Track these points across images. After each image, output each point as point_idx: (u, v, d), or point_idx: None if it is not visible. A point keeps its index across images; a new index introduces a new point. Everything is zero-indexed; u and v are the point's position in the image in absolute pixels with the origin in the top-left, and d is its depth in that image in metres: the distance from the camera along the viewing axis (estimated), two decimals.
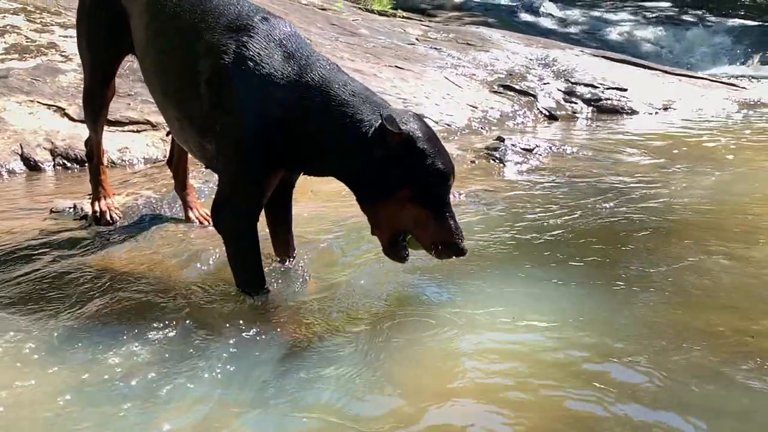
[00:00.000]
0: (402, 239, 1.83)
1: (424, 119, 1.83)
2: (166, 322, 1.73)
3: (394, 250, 1.84)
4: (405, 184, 1.72)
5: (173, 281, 2.00)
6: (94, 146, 2.46)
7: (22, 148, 3.54)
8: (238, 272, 1.90)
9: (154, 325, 1.72)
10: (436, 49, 6.51)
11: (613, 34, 10.27)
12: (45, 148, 3.59)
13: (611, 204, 2.88)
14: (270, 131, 1.74)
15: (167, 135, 2.66)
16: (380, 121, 1.67)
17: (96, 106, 2.35)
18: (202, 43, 1.81)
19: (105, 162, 2.71)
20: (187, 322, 1.74)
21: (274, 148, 1.76)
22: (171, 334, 1.69)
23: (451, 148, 4.02)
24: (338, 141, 1.73)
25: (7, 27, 4.63)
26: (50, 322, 1.75)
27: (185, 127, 1.92)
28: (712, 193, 3.12)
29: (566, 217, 2.68)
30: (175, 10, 1.91)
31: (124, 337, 1.67)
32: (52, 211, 2.57)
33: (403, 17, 8.11)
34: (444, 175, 1.74)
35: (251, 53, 1.74)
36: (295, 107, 1.72)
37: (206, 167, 2.18)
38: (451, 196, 1.81)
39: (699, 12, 11.48)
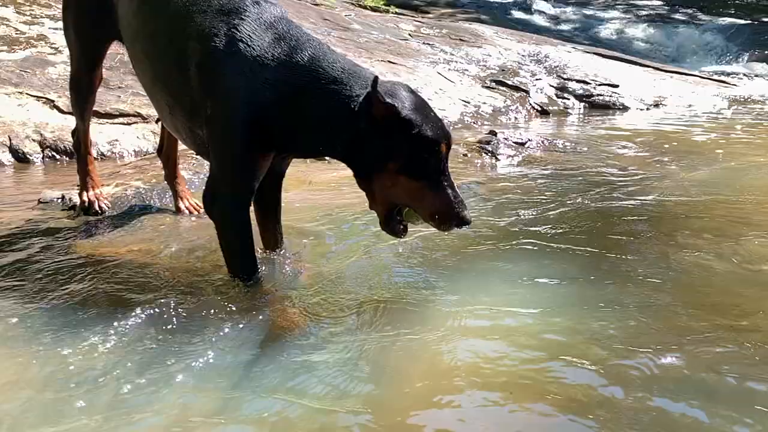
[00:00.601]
0: (397, 213, 1.78)
1: (416, 91, 1.77)
2: (154, 311, 1.71)
3: (390, 225, 1.80)
4: (393, 155, 1.68)
5: (161, 270, 1.98)
6: (81, 136, 2.44)
7: (10, 139, 3.51)
8: (230, 258, 1.88)
9: (139, 313, 1.69)
10: (428, 44, 6.51)
11: (605, 32, 10.30)
12: (34, 140, 3.56)
13: (603, 196, 2.89)
14: (261, 113, 1.73)
15: (157, 122, 2.64)
16: (366, 93, 1.66)
17: (83, 94, 2.33)
18: (192, 27, 1.79)
19: (94, 153, 2.69)
20: (174, 309, 1.72)
21: (265, 129, 1.74)
22: (158, 322, 1.68)
23: None
24: (328, 116, 1.71)
25: None
26: (27, 311, 1.72)
27: (175, 113, 1.90)
28: (703, 186, 3.13)
29: (558, 209, 2.68)
30: None
31: (110, 324, 1.65)
32: (39, 202, 2.54)
33: (396, 13, 8.09)
34: (432, 142, 1.67)
35: (242, 35, 1.73)
36: (285, 87, 1.71)
37: (197, 154, 2.16)
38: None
39: (690, 11, 11.54)
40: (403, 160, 1.68)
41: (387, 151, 1.68)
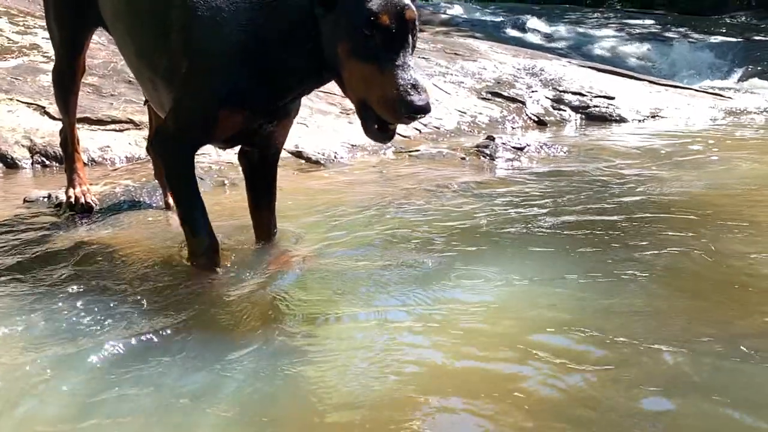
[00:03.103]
0: (366, 110, 1.56)
1: None
2: (130, 305, 1.62)
3: (366, 126, 1.61)
4: (339, 34, 1.54)
5: (145, 263, 1.89)
6: (67, 132, 2.39)
7: None
8: (176, 202, 1.84)
9: (112, 308, 1.59)
10: (424, 58, 6.51)
11: (599, 49, 10.39)
12: (23, 146, 3.49)
13: (602, 199, 2.82)
14: (234, 60, 1.68)
15: (144, 104, 2.57)
16: None
17: (66, 86, 2.29)
18: None
19: (85, 159, 2.62)
20: (148, 302, 1.63)
21: (238, 78, 1.68)
22: (135, 316, 1.58)
23: (440, 147, 3.99)
24: (295, 20, 1.62)
25: None
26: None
27: (158, 87, 1.87)
28: (702, 192, 3.07)
29: (557, 209, 2.61)
30: None
31: (88, 322, 1.56)
32: (25, 200, 2.47)
33: None
34: (369, 13, 1.49)
35: None
36: (255, 24, 1.66)
37: None
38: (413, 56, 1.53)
39: (682, 29, 11.68)
40: (347, 38, 1.54)
41: (334, 31, 1.56)
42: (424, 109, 1.49)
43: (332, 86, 1.78)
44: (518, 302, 1.71)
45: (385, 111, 1.51)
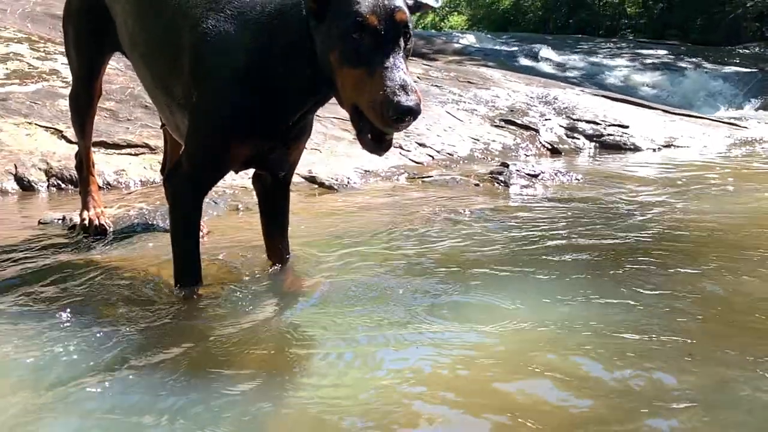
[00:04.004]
0: (361, 118, 1.51)
1: None
2: (134, 324, 1.60)
3: (360, 137, 1.53)
4: (331, 41, 1.51)
5: (157, 285, 1.87)
6: (82, 155, 2.40)
7: (16, 168, 3.47)
8: (173, 241, 1.84)
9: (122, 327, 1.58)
10: (437, 86, 6.55)
11: (612, 78, 10.41)
12: (40, 169, 3.52)
13: (618, 226, 2.78)
14: (241, 84, 1.68)
15: (161, 128, 2.58)
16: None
17: (82, 109, 2.32)
18: (187, 19, 1.78)
19: (100, 182, 2.63)
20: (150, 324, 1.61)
21: (245, 102, 1.68)
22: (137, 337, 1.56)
23: (453, 174, 3.98)
24: (293, 35, 1.61)
25: (10, 54, 4.65)
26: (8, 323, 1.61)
27: (174, 112, 1.88)
28: (718, 219, 3.02)
29: (573, 236, 2.57)
30: None
31: (97, 340, 1.54)
32: (40, 222, 2.47)
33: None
34: (356, 14, 1.46)
35: (226, 16, 1.71)
36: (262, 47, 1.66)
37: None
38: (402, 66, 1.45)
39: (695, 59, 11.69)
40: (338, 44, 1.51)
41: (326, 41, 1.54)
42: (412, 110, 1.41)
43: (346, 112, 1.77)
44: (537, 328, 1.67)
45: (373, 115, 1.45)
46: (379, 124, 1.46)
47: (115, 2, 2.08)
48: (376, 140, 1.51)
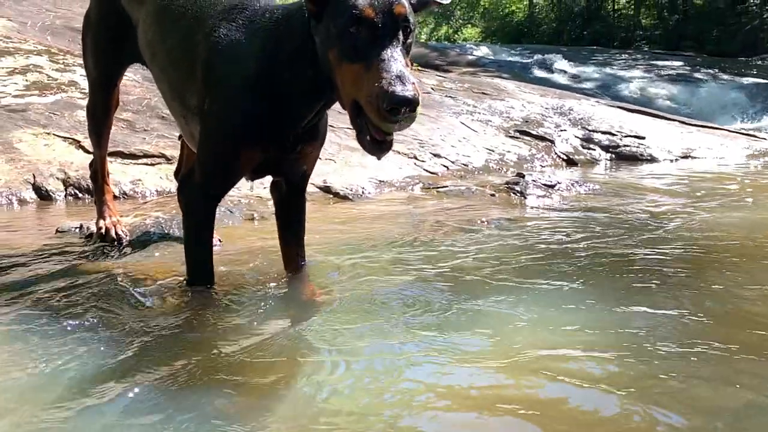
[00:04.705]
0: (360, 116, 1.48)
1: None
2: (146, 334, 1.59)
3: (359, 137, 1.51)
4: (332, 43, 1.51)
5: (167, 296, 1.86)
6: (98, 164, 2.42)
7: (34, 177, 3.50)
8: (186, 250, 1.87)
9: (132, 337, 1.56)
10: (451, 97, 6.55)
11: (627, 90, 10.36)
12: (58, 179, 3.55)
13: (636, 236, 2.74)
14: (251, 91, 1.69)
15: (179, 139, 2.60)
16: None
17: (98, 119, 2.33)
18: (203, 30, 1.80)
19: (116, 192, 2.65)
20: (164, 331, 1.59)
21: (255, 109, 1.70)
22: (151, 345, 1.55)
23: (468, 184, 3.96)
24: (297, 39, 1.63)
25: (30, 66, 4.72)
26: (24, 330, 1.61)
27: (189, 121, 1.89)
28: (738, 230, 2.97)
29: (592, 246, 2.54)
30: (181, 9, 1.93)
31: (112, 349, 1.53)
32: (57, 231, 2.48)
33: (419, 69, 8.23)
34: (357, 9, 1.45)
35: (237, 26, 1.74)
36: (269, 53, 1.68)
37: None
38: (402, 64, 1.43)
39: (711, 71, 11.60)
40: (336, 41, 1.50)
41: (325, 40, 1.54)
42: (408, 100, 1.36)
43: None
44: (553, 340, 1.64)
45: (370, 108, 1.42)
46: (375, 118, 1.42)
47: (135, 9, 2.09)
48: (375, 141, 1.49)
